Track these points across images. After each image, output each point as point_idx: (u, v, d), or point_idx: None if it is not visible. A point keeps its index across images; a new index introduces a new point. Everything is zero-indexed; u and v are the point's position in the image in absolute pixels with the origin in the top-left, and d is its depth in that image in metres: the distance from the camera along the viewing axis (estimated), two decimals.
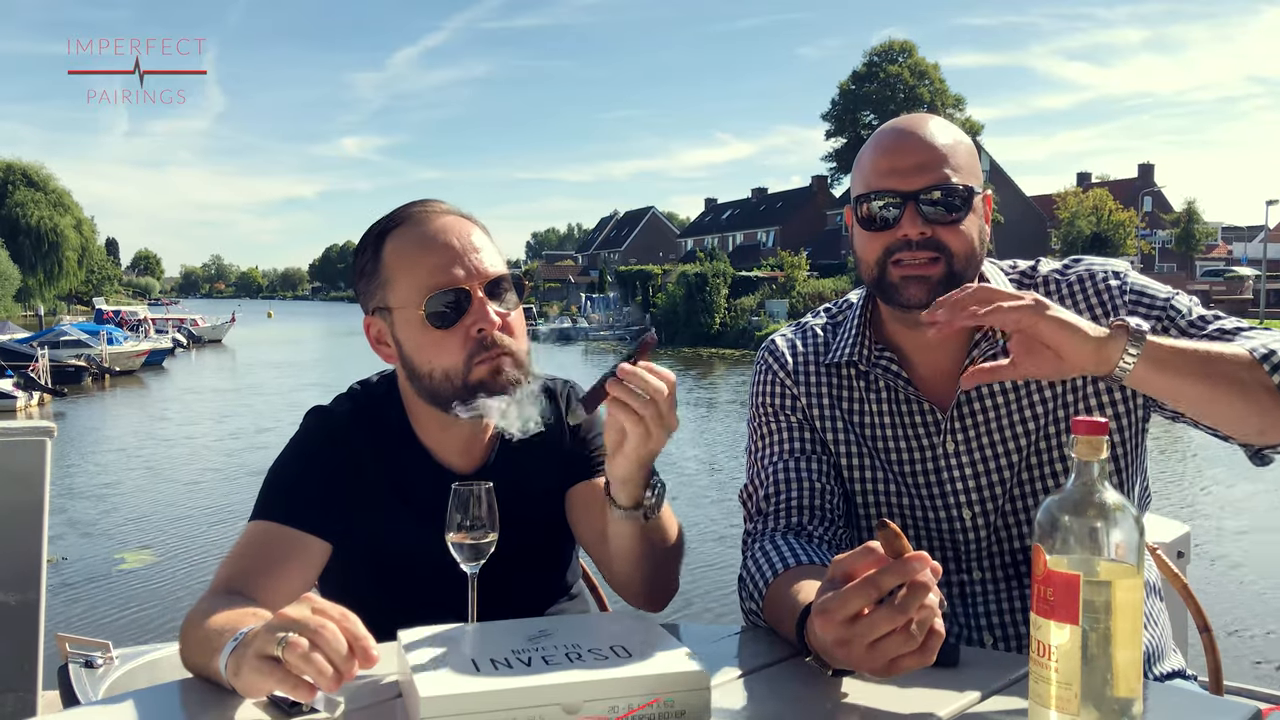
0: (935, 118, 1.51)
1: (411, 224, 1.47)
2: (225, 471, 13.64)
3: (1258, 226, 54.17)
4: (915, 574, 1.00)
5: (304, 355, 41.45)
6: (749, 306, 41.68)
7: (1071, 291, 1.51)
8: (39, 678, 2.44)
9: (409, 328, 1.44)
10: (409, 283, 1.43)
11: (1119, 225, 44.67)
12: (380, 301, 1.48)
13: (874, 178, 1.47)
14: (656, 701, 1.01)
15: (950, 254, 1.43)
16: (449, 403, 1.43)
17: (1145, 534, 0.97)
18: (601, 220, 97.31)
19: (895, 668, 1.02)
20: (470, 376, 1.41)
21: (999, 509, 1.51)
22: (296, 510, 1.43)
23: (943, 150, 1.45)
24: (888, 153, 1.47)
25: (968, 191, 1.44)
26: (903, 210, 1.43)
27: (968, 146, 1.49)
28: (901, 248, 1.44)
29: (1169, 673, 1.57)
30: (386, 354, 1.52)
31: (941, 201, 1.43)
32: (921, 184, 1.43)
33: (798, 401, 1.59)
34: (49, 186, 63.95)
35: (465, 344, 1.41)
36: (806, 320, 1.69)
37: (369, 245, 1.50)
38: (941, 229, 1.43)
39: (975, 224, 1.46)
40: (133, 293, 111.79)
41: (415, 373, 1.46)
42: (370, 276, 1.49)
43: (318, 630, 0.99)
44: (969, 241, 1.45)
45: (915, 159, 1.44)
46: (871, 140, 1.52)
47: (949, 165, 1.44)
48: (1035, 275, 1.57)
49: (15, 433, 2.40)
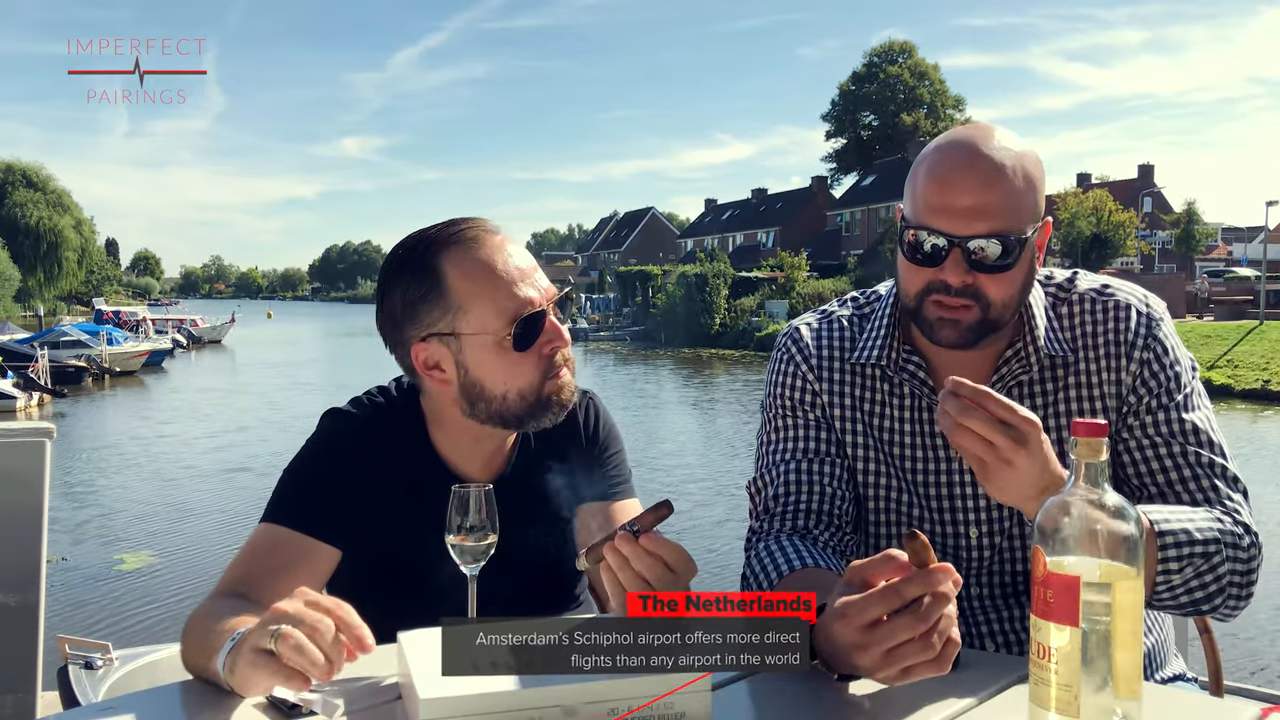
0: (1003, 135, 1.38)
1: (470, 246, 1.43)
2: (225, 472, 13.64)
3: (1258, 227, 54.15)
4: (939, 585, 1.00)
5: (303, 355, 41.42)
6: (749, 307, 41.68)
7: (1105, 317, 1.48)
8: (38, 679, 2.44)
9: (484, 352, 1.42)
10: (487, 308, 1.41)
11: (1119, 226, 44.63)
12: (446, 328, 1.42)
13: (924, 211, 1.37)
14: (656, 703, 1.01)
15: (989, 303, 1.37)
16: (517, 421, 1.46)
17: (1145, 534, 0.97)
18: (601, 221, 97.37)
19: (909, 675, 1.02)
20: (544, 392, 1.45)
21: (1005, 530, 1.50)
22: (308, 516, 1.43)
23: (1004, 191, 1.34)
24: (942, 185, 1.35)
25: (1020, 240, 1.35)
26: (948, 254, 1.35)
27: (1033, 177, 1.38)
28: (941, 289, 1.37)
29: (1169, 675, 1.57)
30: (440, 379, 1.45)
31: (991, 251, 1.34)
32: (971, 230, 1.33)
33: (819, 398, 1.55)
34: (48, 187, 63.96)
35: (540, 363, 1.44)
36: (832, 309, 1.63)
37: (420, 269, 1.43)
38: (985, 278, 1.36)
39: (1025, 270, 1.39)
40: (132, 293, 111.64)
41: (483, 395, 1.44)
42: (430, 302, 1.42)
43: (310, 622, 1.01)
44: (1012, 289, 1.38)
45: (970, 200, 1.33)
46: (929, 156, 1.40)
47: (1008, 209, 1.34)
48: (1072, 290, 1.52)
49: (15, 433, 2.40)
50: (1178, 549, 1.27)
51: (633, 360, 36.29)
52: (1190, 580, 1.29)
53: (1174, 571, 1.27)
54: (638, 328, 47.81)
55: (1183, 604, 1.31)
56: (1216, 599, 1.31)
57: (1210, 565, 1.29)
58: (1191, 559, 1.27)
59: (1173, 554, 1.26)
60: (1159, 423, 1.43)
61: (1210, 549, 1.28)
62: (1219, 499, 1.37)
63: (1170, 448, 1.41)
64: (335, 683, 1.15)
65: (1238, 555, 1.31)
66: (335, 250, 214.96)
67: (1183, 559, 1.27)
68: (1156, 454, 1.42)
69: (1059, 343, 1.48)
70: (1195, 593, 1.30)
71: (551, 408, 1.46)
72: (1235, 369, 23.80)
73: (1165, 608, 1.33)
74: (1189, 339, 26.53)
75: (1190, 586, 1.29)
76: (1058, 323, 1.50)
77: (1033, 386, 1.48)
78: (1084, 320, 1.49)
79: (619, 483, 1.63)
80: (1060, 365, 1.48)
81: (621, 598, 1.15)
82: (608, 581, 1.18)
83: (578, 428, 1.62)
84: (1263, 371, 23.26)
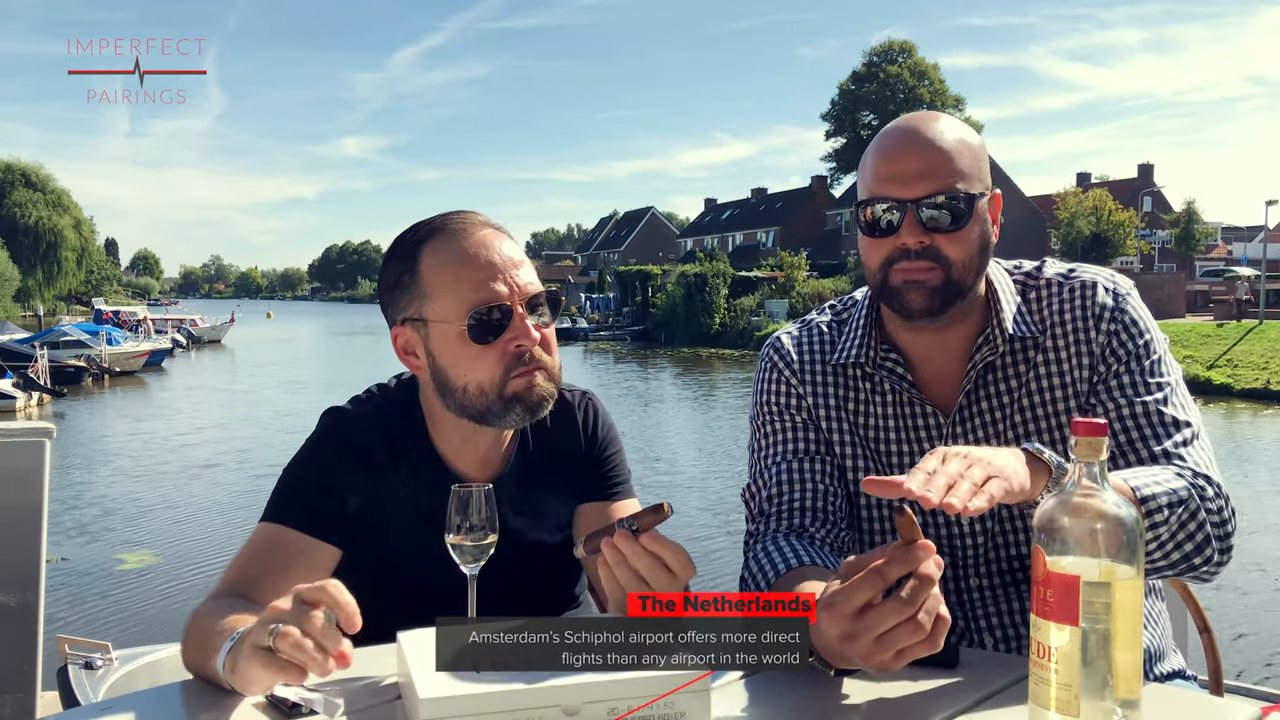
0: (942, 116, 1.48)
1: (450, 236, 1.44)
2: (225, 471, 13.65)
3: (1257, 227, 54.17)
4: (920, 563, 1.01)
5: (303, 354, 41.42)
6: (749, 307, 41.68)
7: (1071, 296, 1.52)
8: (38, 679, 2.44)
9: (446, 341, 1.43)
10: (451, 297, 1.41)
11: (1119, 225, 44.65)
12: (415, 313, 1.45)
13: (875, 183, 1.44)
14: (656, 702, 1.01)
15: (949, 263, 1.42)
16: (481, 416, 1.44)
17: (1145, 534, 0.97)
18: (601, 220, 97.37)
19: (902, 658, 1.02)
20: (506, 390, 1.42)
21: (998, 516, 1.51)
22: (307, 515, 1.43)
23: (946, 154, 1.42)
24: (889, 157, 1.44)
25: (970, 198, 1.42)
26: (903, 218, 1.41)
27: (974, 147, 1.46)
28: (901, 257, 1.42)
29: (1169, 673, 1.57)
30: (414, 365, 1.49)
31: (943, 208, 1.40)
32: (922, 191, 1.40)
33: (804, 401, 1.58)
34: (48, 187, 63.94)
35: (502, 359, 1.42)
36: (811, 318, 1.68)
37: (403, 255, 1.47)
38: (941, 237, 1.41)
39: (978, 230, 1.44)
40: (132, 293, 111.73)
41: (448, 386, 1.45)
42: (405, 287, 1.46)
43: (307, 616, 1.02)
44: (970, 249, 1.43)
45: (916, 164, 1.41)
46: (875, 141, 1.49)
47: (952, 170, 1.41)
48: (1039, 277, 1.56)
49: (14, 433, 2.40)
50: (1159, 510, 1.29)
51: (632, 360, 36.30)
52: (1177, 533, 1.31)
53: (1160, 525, 1.29)
54: (637, 327, 47.83)
55: (1175, 562, 1.33)
56: (1206, 549, 1.33)
57: (1191, 514, 1.31)
58: (1173, 509, 1.30)
59: (1158, 517, 1.28)
60: (1123, 385, 1.46)
61: (1185, 498, 1.31)
62: (1177, 454, 1.40)
63: (1134, 408, 1.45)
64: (335, 683, 1.15)
65: (1207, 504, 1.34)
66: (335, 250, 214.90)
67: (1165, 512, 1.29)
68: (1119, 414, 1.45)
69: (1027, 325, 1.51)
70: (1185, 545, 1.32)
71: (516, 407, 1.43)
72: (1235, 369, 23.79)
73: (1160, 570, 1.35)
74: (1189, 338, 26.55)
75: (1179, 540, 1.31)
76: (1026, 307, 1.54)
77: (1005, 370, 1.52)
78: (1051, 302, 1.53)
79: (618, 483, 1.63)
80: (1031, 347, 1.52)
81: (619, 595, 1.15)
82: (605, 579, 1.18)
83: (577, 428, 1.62)
84: (1262, 371, 23.26)
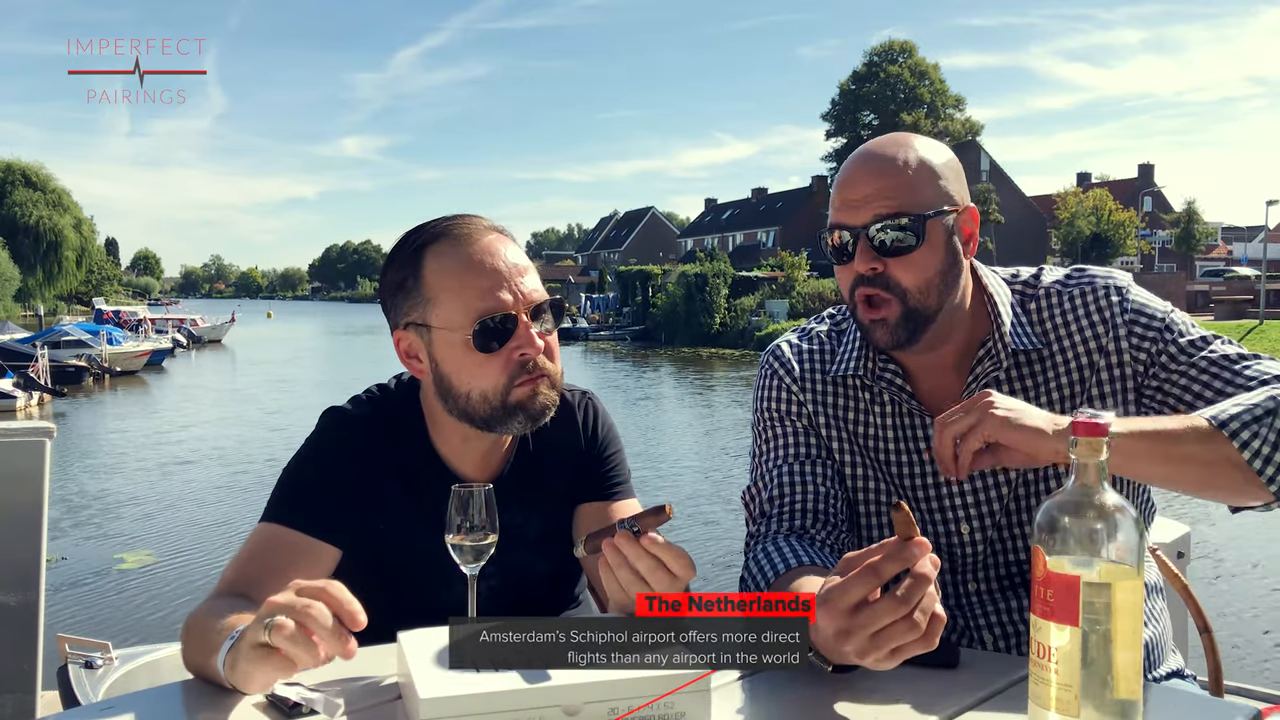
0: (908, 138, 1.46)
1: (455, 241, 1.43)
2: (225, 471, 13.64)
3: (1258, 226, 54.19)
4: (915, 560, 1.01)
5: (303, 354, 41.43)
6: (749, 307, 41.68)
7: (1074, 304, 1.51)
8: (38, 678, 2.44)
9: (450, 348, 1.42)
10: (455, 304, 1.40)
11: (1119, 225, 44.69)
12: (419, 318, 1.44)
13: (833, 210, 1.46)
14: (656, 702, 1.01)
15: (903, 291, 1.41)
16: (483, 423, 1.44)
17: (1145, 535, 0.97)
18: (601, 220, 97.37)
19: (898, 656, 1.03)
20: (509, 399, 1.42)
21: (996, 523, 1.52)
22: (307, 515, 1.43)
23: (898, 177, 1.40)
24: (843, 184, 1.44)
25: (920, 219, 1.39)
26: (855, 244, 1.41)
27: (933, 165, 1.42)
28: (860, 282, 1.44)
29: (1169, 673, 1.57)
30: (417, 368, 1.48)
31: (891, 230, 1.39)
32: (869, 215, 1.40)
33: (804, 408, 1.59)
34: (48, 186, 63.88)
35: (506, 367, 1.41)
36: (810, 326, 1.68)
37: (407, 259, 1.45)
38: (893, 262, 1.40)
39: (936, 250, 1.41)
40: (132, 293, 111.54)
41: (450, 391, 1.44)
42: (409, 292, 1.45)
43: (303, 610, 1.01)
44: (925, 272, 1.41)
45: (865, 190, 1.40)
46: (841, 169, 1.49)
47: (902, 192, 1.39)
48: (1038, 285, 1.55)
49: (15, 433, 2.40)
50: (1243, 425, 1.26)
51: (632, 359, 36.30)
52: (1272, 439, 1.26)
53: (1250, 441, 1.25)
54: (638, 327, 47.83)
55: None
56: None
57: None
58: (1260, 420, 1.26)
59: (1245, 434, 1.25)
60: (1174, 356, 1.44)
61: (1271, 405, 1.28)
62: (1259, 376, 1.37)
63: (1198, 365, 1.42)
64: (336, 682, 1.15)
65: None
66: (335, 250, 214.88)
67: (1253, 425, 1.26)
68: (1191, 381, 1.42)
69: (1027, 336, 1.50)
70: None
71: (518, 415, 1.42)
72: None
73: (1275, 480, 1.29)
74: None
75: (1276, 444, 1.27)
76: (1026, 318, 1.53)
77: (1010, 385, 1.51)
78: (1053, 313, 1.52)
79: (618, 483, 1.63)
80: (1035, 359, 1.51)
81: (619, 596, 1.15)
82: (605, 580, 1.18)
83: (577, 428, 1.62)
84: None
